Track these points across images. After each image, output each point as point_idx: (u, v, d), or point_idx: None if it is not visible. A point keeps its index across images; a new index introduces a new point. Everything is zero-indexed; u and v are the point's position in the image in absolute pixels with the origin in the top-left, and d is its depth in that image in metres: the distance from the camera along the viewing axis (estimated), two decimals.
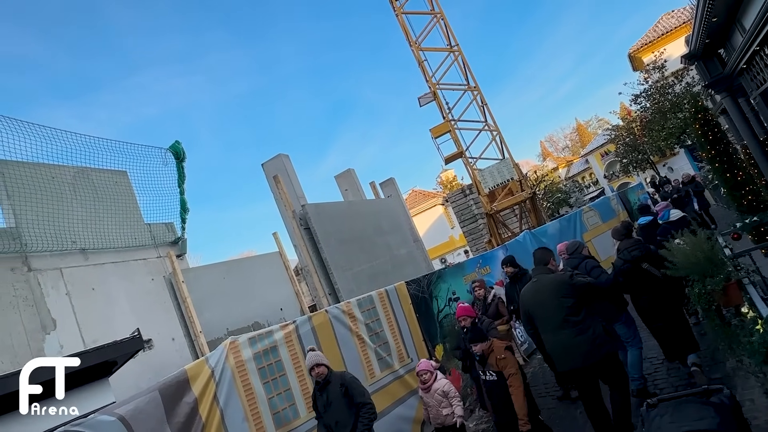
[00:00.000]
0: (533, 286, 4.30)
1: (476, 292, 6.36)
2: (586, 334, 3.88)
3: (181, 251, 9.36)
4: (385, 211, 11.46)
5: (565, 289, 4.03)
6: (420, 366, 4.76)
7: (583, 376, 3.98)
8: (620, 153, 29.85)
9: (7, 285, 6.55)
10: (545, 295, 4.12)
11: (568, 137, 76.94)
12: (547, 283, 4.16)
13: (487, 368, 4.36)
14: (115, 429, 3.18)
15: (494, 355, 4.27)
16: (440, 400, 4.60)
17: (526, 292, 4.36)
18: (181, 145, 9.74)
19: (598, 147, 43.73)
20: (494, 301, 6.27)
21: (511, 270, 6.34)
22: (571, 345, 3.90)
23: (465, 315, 5.16)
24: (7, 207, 6.97)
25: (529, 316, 4.31)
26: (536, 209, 16.31)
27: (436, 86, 16.78)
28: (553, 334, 4.04)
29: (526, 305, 4.33)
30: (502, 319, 6.15)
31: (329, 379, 4.03)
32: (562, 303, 3.98)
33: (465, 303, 5.55)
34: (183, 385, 3.72)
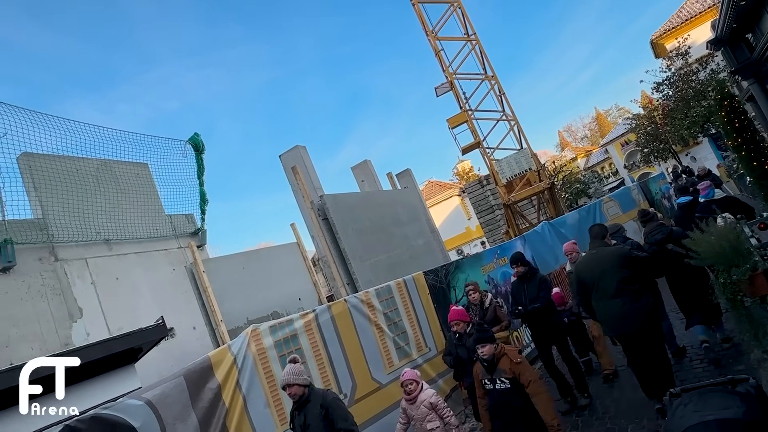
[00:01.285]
0: (592, 257, 4.59)
1: (471, 296, 5.93)
2: (639, 303, 4.24)
3: (201, 242, 9.52)
4: (402, 201, 11.46)
5: (624, 261, 4.34)
6: (405, 376, 4.26)
7: (634, 340, 4.35)
8: (641, 143, 29.22)
9: (35, 274, 6.75)
10: (604, 266, 4.39)
11: (587, 127, 75.62)
12: (607, 254, 4.46)
13: (496, 375, 3.83)
14: (142, 413, 3.27)
15: (507, 359, 3.81)
16: (426, 413, 4.12)
17: (583, 262, 4.72)
18: (200, 137, 9.86)
19: (618, 137, 42.86)
20: (491, 306, 5.86)
21: (521, 269, 5.72)
22: (625, 312, 4.24)
23: (458, 319, 4.86)
24: (35, 198, 7.16)
25: (583, 285, 4.59)
26: (555, 200, 16.11)
27: (453, 76, 16.60)
28: (608, 301, 4.34)
29: (581, 274, 4.60)
30: (500, 325, 5.75)
31: (308, 398, 3.46)
32: (621, 273, 4.29)
33: (458, 306, 5.21)
34: (207, 372, 3.80)
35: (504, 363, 3.82)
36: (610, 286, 4.31)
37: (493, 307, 5.84)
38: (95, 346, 4.10)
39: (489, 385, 3.91)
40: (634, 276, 4.30)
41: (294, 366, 3.56)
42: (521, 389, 3.72)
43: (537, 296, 5.47)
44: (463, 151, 16.73)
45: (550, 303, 5.57)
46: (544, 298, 5.46)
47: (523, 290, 5.69)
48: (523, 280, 5.72)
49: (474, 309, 5.86)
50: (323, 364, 4.64)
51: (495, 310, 5.82)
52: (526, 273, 5.71)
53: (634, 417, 4.63)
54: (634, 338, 4.32)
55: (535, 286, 5.55)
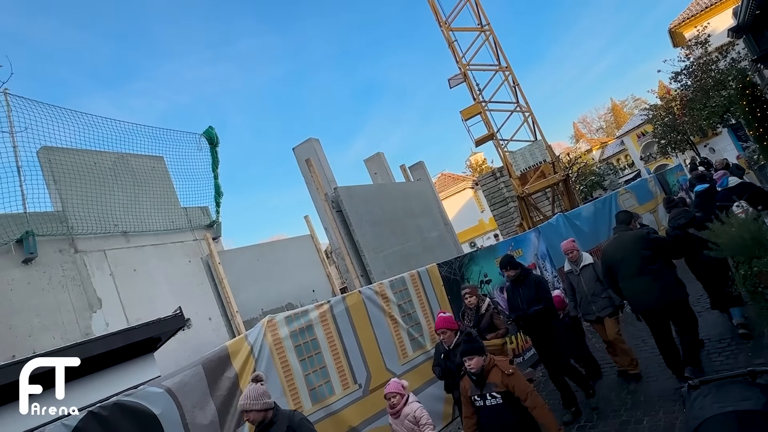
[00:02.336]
0: (615, 240, 5.06)
1: (467, 300, 5.58)
2: (660, 281, 4.59)
3: (216, 234, 9.63)
4: (415, 193, 11.44)
5: (644, 242, 4.77)
6: (388, 388, 3.93)
7: (657, 316, 4.69)
8: (658, 134, 28.68)
9: (56, 266, 6.90)
10: (627, 248, 4.81)
11: (603, 118, 74.54)
12: (629, 237, 4.91)
13: (487, 389, 3.48)
14: (163, 400, 3.34)
15: (498, 372, 3.47)
16: (411, 428, 3.83)
17: (608, 246, 5.15)
18: (215, 130, 9.95)
19: (635, 128, 42.14)
20: (488, 311, 5.45)
21: (512, 272, 5.31)
22: (648, 289, 4.61)
23: (445, 328, 4.51)
24: (54, 191, 7.30)
25: (609, 267, 4.98)
26: (569, 192, 15.94)
27: (467, 67, 16.46)
28: (632, 280, 4.73)
29: (607, 257, 5.03)
30: (496, 332, 5.36)
31: (273, 420, 3.10)
32: (641, 254, 4.69)
33: (446, 313, 4.77)
34: (224, 361, 3.86)
35: (494, 376, 3.47)
36: (633, 266, 4.71)
37: (489, 313, 5.43)
38: (116, 335, 4.20)
39: (479, 401, 3.55)
40: (654, 256, 4.68)
41: (253, 388, 3.13)
42: (515, 403, 3.40)
43: (535, 298, 5.11)
44: (477, 143, 16.62)
45: (551, 304, 5.23)
46: (546, 299, 5.10)
47: (518, 294, 5.30)
48: (517, 283, 5.33)
49: (469, 314, 5.53)
50: (338, 354, 4.68)
51: (491, 317, 5.41)
52: (518, 276, 5.32)
53: (650, 410, 4.61)
54: (658, 313, 4.67)
55: (531, 288, 5.19)
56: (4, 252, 6.41)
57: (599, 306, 5.57)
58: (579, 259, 5.77)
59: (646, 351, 6.06)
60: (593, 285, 5.59)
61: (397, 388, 3.90)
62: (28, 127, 6.62)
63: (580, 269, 5.72)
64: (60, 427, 2.88)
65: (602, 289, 5.52)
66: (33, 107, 6.94)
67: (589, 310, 5.68)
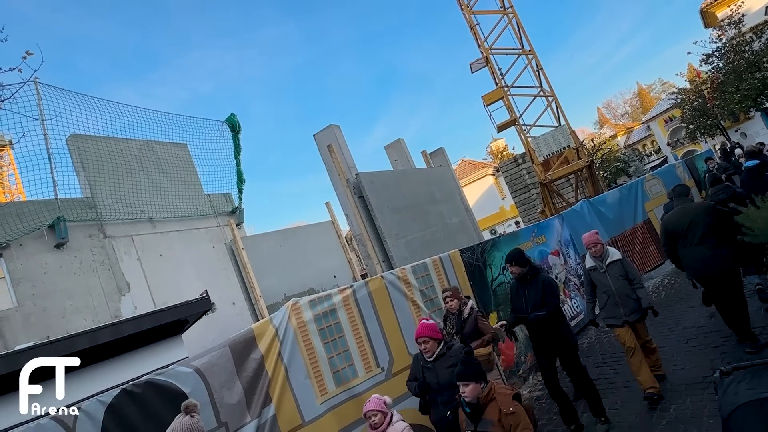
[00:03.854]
0: (679, 210, 5.22)
1: (448, 304, 4.95)
2: (720, 250, 4.81)
3: (239, 220, 9.76)
4: (437, 179, 11.38)
5: (709, 212, 4.99)
6: (368, 405, 3.34)
7: (714, 282, 4.97)
8: (687, 118, 27.86)
9: (86, 250, 7.09)
10: (691, 217, 5.02)
11: (628, 103, 72.66)
12: (693, 207, 5.16)
13: (482, 426, 2.93)
14: (192, 379, 3.43)
15: (496, 407, 2.88)
16: None
17: (671, 216, 5.32)
18: (236, 117, 10.03)
19: (662, 112, 40.91)
20: (472, 315, 4.83)
21: (517, 270, 4.74)
22: (707, 257, 4.86)
23: (427, 336, 3.91)
24: (83, 178, 7.48)
25: (670, 235, 5.21)
26: (593, 178, 15.63)
27: (489, 51, 16.16)
28: (693, 248, 4.98)
29: (669, 226, 5.23)
30: (481, 339, 4.68)
31: None
32: (705, 223, 4.92)
33: (429, 320, 4.19)
34: (250, 343, 3.93)
35: (492, 411, 2.88)
36: (696, 234, 4.95)
37: (473, 318, 4.81)
38: (146, 317, 4.31)
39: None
40: (716, 226, 4.89)
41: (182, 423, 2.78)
42: None
43: (541, 302, 4.56)
44: (499, 129, 16.38)
45: (558, 311, 4.67)
46: (552, 305, 4.53)
47: (523, 295, 4.75)
48: (523, 282, 4.76)
49: (451, 319, 4.92)
50: (361, 338, 4.71)
51: (476, 321, 4.79)
52: (525, 274, 4.72)
53: (677, 398, 4.54)
54: (715, 280, 4.92)
55: (538, 290, 4.62)
56: (37, 237, 6.62)
57: (628, 309, 4.87)
58: (604, 255, 5.06)
59: (672, 340, 5.95)
60: (622, 284, 4.92)
61: (378, 405, 3.31)
62: (59, 115, 6.76)
63: (607, 266, 5.01)
64: (95, 404, 2.99)
65: (631, 290, 4.91)
66: (62, 96, 7.10)
67: (615, 313, 4.94)
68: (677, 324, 6.34)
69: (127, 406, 3.08)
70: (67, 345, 3.76)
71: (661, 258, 9.62)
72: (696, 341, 5.62)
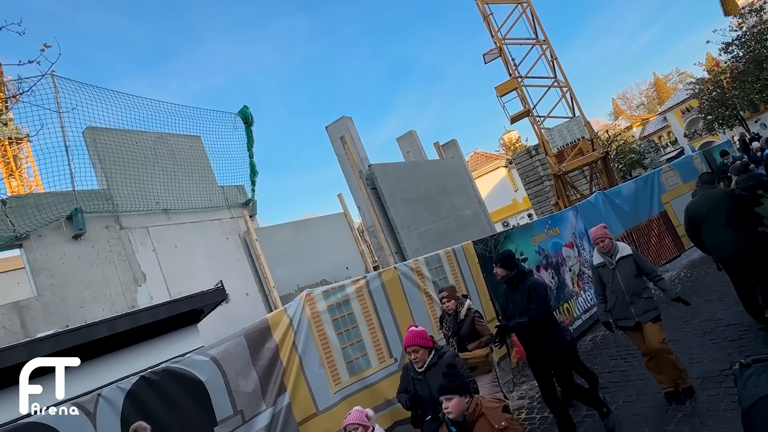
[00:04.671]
0: (701, 197, 5.44)
1: (444, 304, 4.70)
2: (741, 233, 4.97)
3: (252, 212, 9.82)
4: (449, 171, 11.33)
5: (730, 197, 5.21)
6: (349, 418, 3.05)
7: (737, 264, 5.12)
8: (704, 109, 27.34)
9: (103, 241, 7.20)
10: (714, 203, 5.24)
11: (644, 93, 71.40)
12: (715, 193, 5.38)
13: None
14: (208, 368, 3.48)
15: (486, 424, 2.56)
16: None
17: (692, 203, 5.55)
18: (249, 109, 10.06)
19: (679, 103, 40.19)
20: (469, 316, 4.59)
21: (502, 273, 4.45)
22: (730, 239, 5.03)
23: (417, 345, 3.58)
24: (100, 170, 7.59)
25: (693, 222, 5.43)
26: (608, 170, 15.43)
27: (502, 41, 15.96)
28: (716, 231, 5.17)
29: (692, 212, 5.44)
30: (479, 341, 4.47)
31: None
32: (728, 208, 5.12)
33: (418, 326, 3.81)
34: (265, 332, 3.97)
35: (481, 429, 2.57)
36: (719, 218, 5.13)
37: (470, 319, 4.57)
38: (162, 306, 4.38)
39: None
40: (738, 210, 5.07)
41: None
42: None
43: (526, 308, 4.29)
44: (512, 120, 16.22)
45: (546, 317, 4.34)
46: (535, 312, 4.22)
47: (511, 300, 4.49)
48: (511, 286, 4.49)
49: (447, 320, 4.70)
50: (374, 328, 4.74)
51: (473, 322, 4.56)
52: (511, 278, 4.44)
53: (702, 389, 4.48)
54: (738, 261, 5.07)
55: (524, 296, 4.34)
56: (56, 228, 6.73)
57: (640, 308, 4.49)
58: (613, 250, 4.67)
59: (688, 333, 5.88)
60: (633, 282, 4.52)
61: (359, 419, 3.04)
62: (76, 108, 6.83)
63: (616, 262, 4.63)
64: (115, 391, 3.05)
65: (643, 287, 4.54)
66: (78, 88, 7.17)
67: (625, 313, 4.57)
68: (694, 317, 6.25)
69: (145, 393, 3.14)
70: (87, 333, 3.83)
71: (677, 251, 9.50)
72: (713, 334, 5.55)
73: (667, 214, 9.69)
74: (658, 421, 4.23)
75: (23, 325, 6.03)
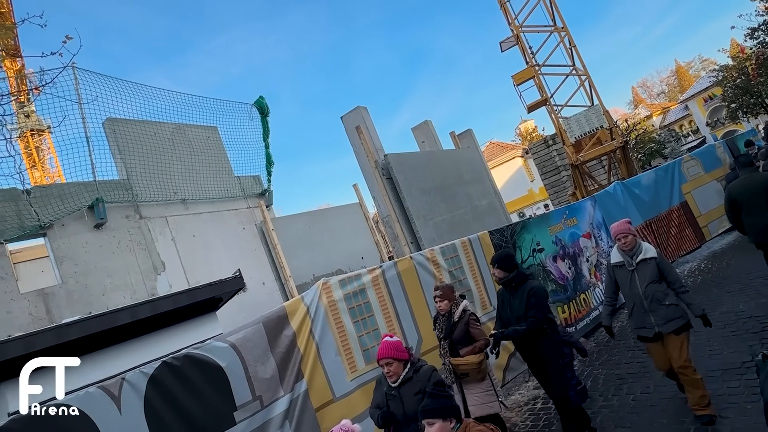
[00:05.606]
0: (745, 180, 5.43)
1: (438, 304, 4.30)
2: None
3: (268, 202, 9.91)
4: (465, 161, 11.26)
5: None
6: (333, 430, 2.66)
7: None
8: (728, 97, 26.63)
9: (123, 231, 7.34)
10: (755, 188, 5.25)
11: (665, 81, 69.77)
12: (759, 177, 5.39)
13: None
14: (228, 354, 3.55)
15: None
16: None
17: (734, 185, 5.54)
18: (265, 100, 10.10)
19: (701, 91, 39.20)
20: (463, 319, 4.17)
21: (500, 274, 4.22)
22: None
23: (390, 357, 3.23)
24: (119, 160, 7.71)
25: (735, 204, 5.46)
26: (627, 160, 15.15)
27: (519, 29, 15.70)
28: (757, 216, 5.26)
29: (734, 195, 5.48)
30: (472, 346, 4.05)
31: None
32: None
33: (393, 336, 3.45)
34: (282, 320, 4.03)
35: None
36: (760, 203, 5.19)
37: (465, 322, 4.15)
38: (182, 294, 4.46)
39: None
40: None
41: None
42: None
43: (524, 314, 4.05)
44: (529, 109, 16.01)
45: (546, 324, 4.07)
46: (534, 320, 3.96)
47: (508, 304, 4.23)
48: (509, 289, 4.24)
49: (441, 321, 4.30)
50: (390, 317, 4.76)
51: (467, 325, 4.14)
52: (510, 280, 4.18)
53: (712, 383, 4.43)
54: None
55: (522, 300, 4.09)
56: (78, 217, 6.88)
57: (661, 317, 3.90)
58: (636, 249, 4.08)
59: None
60: (652, 287, 3.95)
61: None
62: (97, 99, 6.94)
63: (637, 264, 4.05)
64: (138, 375, 3.13)
65: (665, 293, 3.93)
66: (97, 80, 7.28)
67: (644, 322, 4.03)
68: (714, 309, 6.15)
69: (167, 378, 3.22)
70: (110, 319, 3.93)
71: (697, 242, 9.32)
72: (734, 326, 5.45)
73: (687, 204, 9.50)
74: (677, 413, 4.19)
75: (48, 311, 6.21)
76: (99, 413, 2.92)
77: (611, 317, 4.45)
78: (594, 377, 5.51)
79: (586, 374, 5.67)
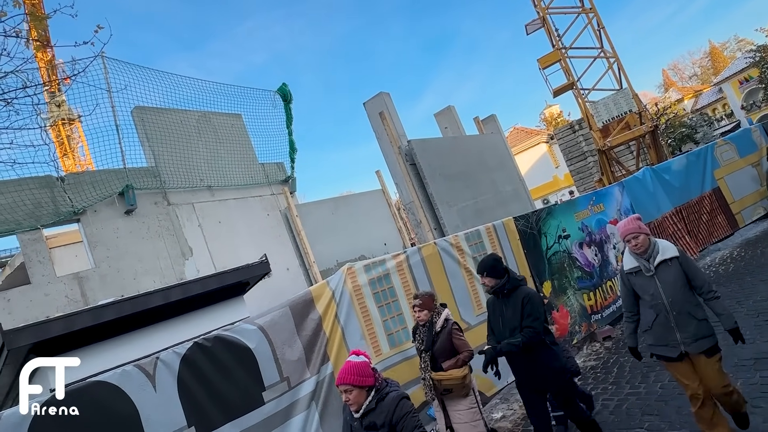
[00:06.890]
0: None
1: (416, 314, 3.92)
2: None
3: (292, 189, 10.00)
4: (489, 147, 11.13)
5: None
6: None
7: None
8: (765, 78, 25.54)
9: (152, 217, 7.53)
10: None
11: (698, 63, 67.22)
12: None
13: None
14: (256, 336, 3.63)
15: None
16: None
17: None
18: (288, 87, 10.15)
19: (737, 73, 37.60)
20: (446, 329, 3.81)
21: (491, 282, 3.85)
22: None
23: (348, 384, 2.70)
24: (148, 149, 7.88)
25: None
26: (657, 145, 14.72)
27: (546, 11, 15.32)
28: None
29: None
30: (455, 359, 3.71)
31: None
32: None
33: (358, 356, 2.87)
34: (309, 304, 4.09)
35: None
36: None
37: (447, 332, 3.80)
38: (211, 278, 4.57)
39: None
40: None
41: None
42: None
43: (520, 325, 3.69)
44: (555, 94, 15.67)
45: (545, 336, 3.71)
46: (530, 330, 3.60)
47: (499, 314, 3.86)
48: (500, 296, 3.88)
49: (421, 332, 3.92)
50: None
51: (450, 336, 3.79)
52: (501, 287, 3.82)
53: (744, 372, 4.34)
54: None
55: (516, 309, 3.72)
56: (109, 204, 7.08)
57: (689, 334, 3.24)
58: (651, 251, 3.39)
59: (740, 313, 5.64)
60: (682, 295, 3.27)
61: None
62: (126, 87, 7.08)
63: (655, 267, 3.35)
64: (171, 354, 3.24)
65: (696, 303, 3.30)
66: (125, 69, 7.42)
67: (667, 339, 3.34)
68: (747, 297, 5.99)
69: (199, 358, 3.32)
70: (143, 301, 4.06)
71: (730, 229, 9.05)
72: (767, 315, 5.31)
73: (720, 190, 9.21)
74: None
75: (83, 294, 6.44)
76: (135, 390, 3.04)
77: (636, 335, 3.65)
78: (620, 365, 5.45)
79: (612, 362, 5.61)
